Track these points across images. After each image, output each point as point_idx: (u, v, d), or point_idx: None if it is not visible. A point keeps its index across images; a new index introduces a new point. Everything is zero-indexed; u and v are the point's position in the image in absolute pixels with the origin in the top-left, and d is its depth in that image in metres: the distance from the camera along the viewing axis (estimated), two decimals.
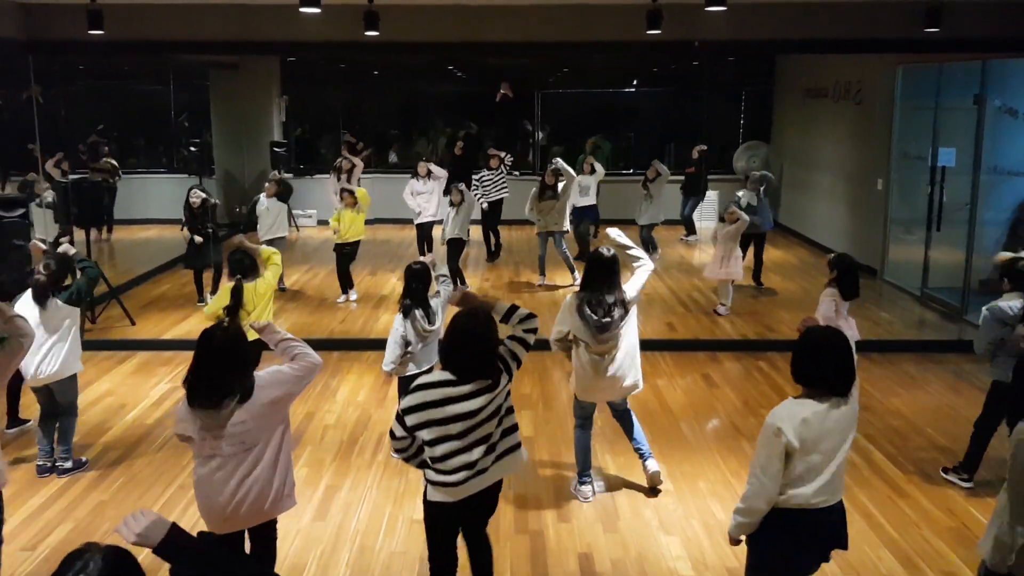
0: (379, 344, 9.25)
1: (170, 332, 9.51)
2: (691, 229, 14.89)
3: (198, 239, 10.21)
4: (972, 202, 10.00)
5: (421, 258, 12.20)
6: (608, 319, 5.40)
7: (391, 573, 5.01)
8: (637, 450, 5.98)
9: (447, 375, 3.96)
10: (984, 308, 5.92)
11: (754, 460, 3.73)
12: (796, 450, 3.59)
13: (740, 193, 11.81)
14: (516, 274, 12.35)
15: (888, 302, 10.86)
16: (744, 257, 10.68)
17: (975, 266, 9.91)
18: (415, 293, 6.09)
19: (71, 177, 11.18)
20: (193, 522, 5.58)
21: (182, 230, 10.41)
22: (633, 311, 5.59)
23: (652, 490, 5.97)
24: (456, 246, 11.03)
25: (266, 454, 3.97)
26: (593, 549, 5.25)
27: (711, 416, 7.38)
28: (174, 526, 2.47)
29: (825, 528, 3.78)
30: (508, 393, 4.14)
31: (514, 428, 4.17)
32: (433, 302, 6.14)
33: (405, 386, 6.35)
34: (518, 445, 4.19)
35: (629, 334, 5.59)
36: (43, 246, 9.39)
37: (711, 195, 16.06)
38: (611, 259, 5.52)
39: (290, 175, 16.56)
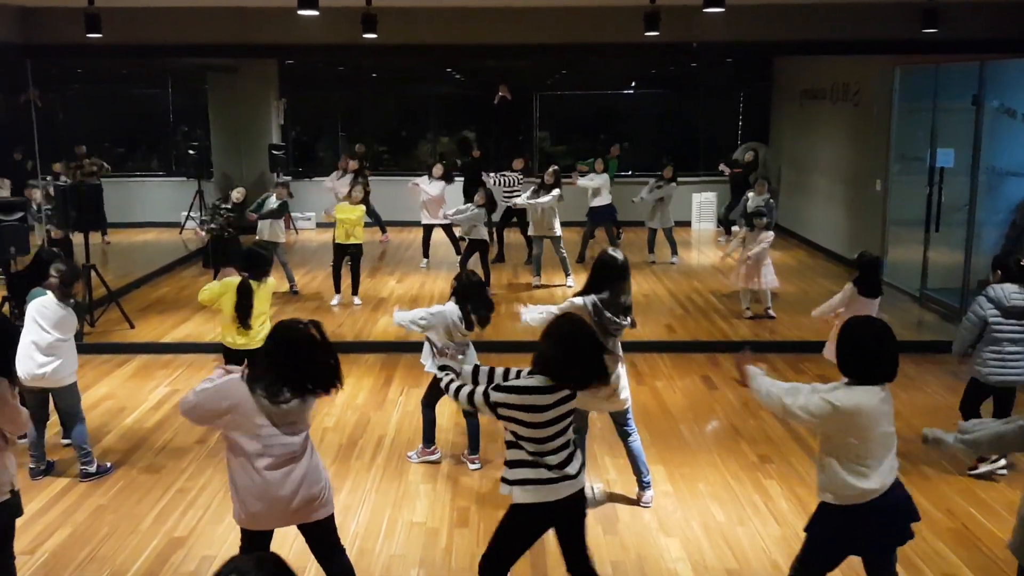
0: (377, 347, 9.33)
1: (169, 335, 9.49)
2: (735, 225, 14.89)
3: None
4: (971, 203, 10.00)
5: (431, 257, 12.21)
6: (626, 322, 5.49)
7: None
8: (636, 473, 5.86)
9: (539, 380, 4.00)
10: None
11: (803, 402, 3.93)
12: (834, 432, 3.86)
13: (749, 194, 11.82)
14: (515, 275, 12.34)
15: (887, 303, 10.72)
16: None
17: (974, 267, 9.91)
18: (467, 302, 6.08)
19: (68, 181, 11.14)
20: (191, 526, 5.58)
21: (200, 230, 10.31)
22: None
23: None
24: (481, 247, 11.11)
25: (306, 454, 4.05)
26: (593, 551, 5.24)
27: (710, 418, 7.38)
28: None
29: (890, 511, 3.91)
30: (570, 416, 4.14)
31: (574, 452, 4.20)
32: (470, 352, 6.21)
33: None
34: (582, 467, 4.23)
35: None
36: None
37: (709, 196, 16.09)
38: (624, 262, 5.55)
39: (289, 178, 16.57)
